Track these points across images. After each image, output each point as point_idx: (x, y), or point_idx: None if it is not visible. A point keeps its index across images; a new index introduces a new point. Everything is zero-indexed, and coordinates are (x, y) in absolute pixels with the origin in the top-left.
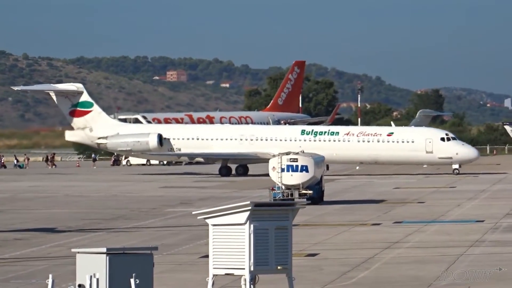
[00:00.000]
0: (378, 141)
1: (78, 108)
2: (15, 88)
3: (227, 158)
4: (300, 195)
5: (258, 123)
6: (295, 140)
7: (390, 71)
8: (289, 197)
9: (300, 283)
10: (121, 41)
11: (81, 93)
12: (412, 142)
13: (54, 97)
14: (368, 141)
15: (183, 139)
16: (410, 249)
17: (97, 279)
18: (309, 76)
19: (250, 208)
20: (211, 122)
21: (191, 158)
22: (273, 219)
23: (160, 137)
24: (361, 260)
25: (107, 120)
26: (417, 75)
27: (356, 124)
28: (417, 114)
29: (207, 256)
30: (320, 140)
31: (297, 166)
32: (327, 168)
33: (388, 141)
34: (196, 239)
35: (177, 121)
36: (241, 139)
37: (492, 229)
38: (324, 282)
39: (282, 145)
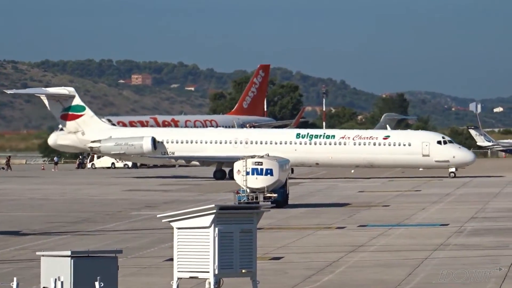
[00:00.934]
0: (375, 144)
1: (70, 112)
2: (8, 92)
3: (222, 162)
4: (265, 198)
5: (223, 127)
6: (290, 143)
7: (355, 75)
8: (254, 200)
9: (264, 286)
10: (86, 45)
11: (73, 97)
12: (409, 145)
13: (45, 101)
14: (364, 144)
15: (177, 142)
16: (374, 252)
17: (62, 282)
18: (274, 79)
19: (214, 211)
20: (176, 126)
21: (187, 161)
22: (238, 222)
23: (154, 140)
24: (326, 263)
25: (99, 124)
26: (381, 79)
27: (321, 128)
28: (382, 117)
29: (171, 259)
30: (315, 143)
31: (262, 169)
32: (292, 172)
33: (384, 144)
34: (160, 242)
35: (142, 124)
36: (235, 142)
37: (457, 233)
38: (289, 285)
39: (277, 148)
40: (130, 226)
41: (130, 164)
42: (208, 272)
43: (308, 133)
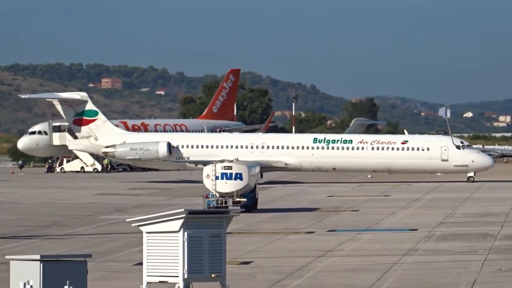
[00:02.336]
0: (393, 149)
1: (82, 117)
2: (22, 96)
3: None
4: (234, 202)
5: (192, 131)
6: (307, 148)
7: (324, 80)
8: (223, 204)
9: None
10: (56, 48)
11: (85, 102)
12: (427, 150)
13: (58, 106)
14: (383, 149)
15: (192, 147)
16: (343, 257)
17: (31, 286)
18: (244, 84)
19: (184, 215)
20: (146, 130)
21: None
22: (207, 226)
23: (169, 145)
24: (295, 268)
25: (112, 129)
26: (351, 84)
27: (290, 132)
28: (352, 122)
29: (141, 264)
30: (333, 148)
31: (231, 173)
32: (261, 176)
33: (402, 149)
34: (130, 247)
35: None
36: (251, 147)
37: (426, 238)
38: None
39: (293, 153)
40: (100, 230)
41: (99, 168)
42: (178, 276)
43: (325, 138)
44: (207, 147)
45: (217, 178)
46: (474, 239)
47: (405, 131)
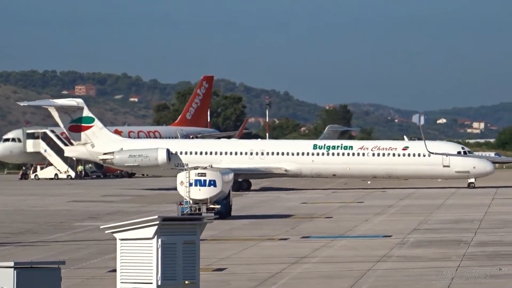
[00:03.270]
0: (394, 155)
1: (78, 124)
2: (21, 104)
3: (239, 173)
4: (208, 209)
5: (166, 138)
6: (308, 154)
7: (298, 87)
8: (197, 211)
9: None
10: (29, 55)
11: (81, 108)
12: (429, 156)
13: (53, 113)
14: (383, 155)
15: (191, 153)
16: (317, 264)
17: None
18: (218, 91)
19: (157, 222)
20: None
21: None
22: (181, 233)
23: (168, 152)
24: (269, 275)
25: (109, 136)
26: (325, 91)
27: (264, 138)
28: (325, 129)
29: (115, 271)
30: (333, 154)
31: (205, 180)
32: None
33: (404, 155)
34: (104, 253)
35: None
36: (251, 154)
37: (399, 245)
38: None
39: (294, 159)
40: (73, 237)
41: (73, 175)
42: (151, 283)
43: (325, 144)
44: (206, 153)
45: (190, 184)
46: (448, 245)
47: (404, 137)
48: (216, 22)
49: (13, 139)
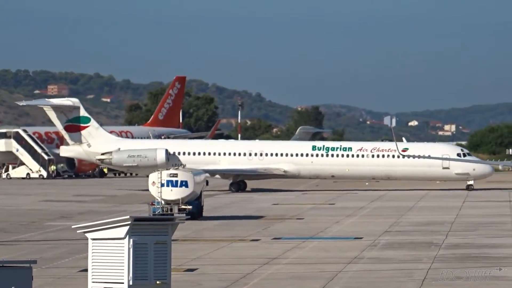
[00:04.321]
0: (393, 157)
1: (74, 123)
2: (20, 103)
3: (238, 174)
4: (180, 210)
5: (138, 138)
6: (307, 155)
7: (270, 88)
8: (169, 212)
9: None
10: (2, 55)
11: (77, 108)
12: (403, 157)
13: (50, 112)
14: (383, 156)
15: (189, 154)
16: (288, 265)
17: None
18: (190, 91)
19: (129, 222)
20: None
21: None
22: (153, 233)
23: (167, 152)
24: (240, 275)
25: (105, 136)
26: (297, 92)
27: (237, 139)
28: (297, 130)
29: (86, 270)
30: (332, 156)
31: (176, 181)
32: (207, 184)
33: (403, 157)
34: (75, 253)
35: (58, 135)
36: (250, 155)
37: (371, 246)
38: None
39: (293, 160)
40: (45, 236)
41: (45, 174)
42: (123, 283)
43: (324, 145)
44: (204, 154)
45: (162, 185)
46: (419, 247)
47: (403, 138)
48: (189, 23)
49: None
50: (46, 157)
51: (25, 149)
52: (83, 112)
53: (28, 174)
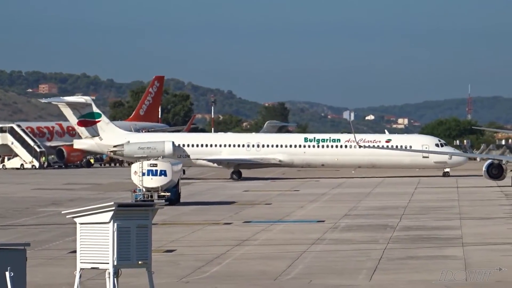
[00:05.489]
0: (378, 147)
1: (87, 119)
2: (42, 101)
3: (238, 163)
4: (159, 196)
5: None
6: (299, 147)
7: (240, 86)
8: (149, 198)
9: (158, 276)
10: None
11: (89, 105)
12: (410, 147)
13: (65, 109)
14: (369, 147)
15: (193, 146)
16: (258, 246)
17: None
18: (168, 89)
19: (114, 208)
20: None
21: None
22: (135, 218)
23: (173, 144)
24: (214, 256)
25: (115, 130)
26: (264, 90)
27: (210, 133)
28: (265, 124)
29: (75, 252)
30: (323, 146)
31: (156, 170)
32: (184, 173)
33: (387, 147)
34: (65, 236)
35: (49, 129)
36: (248, 146)
37: (332, 229)
38: (181, 275)
39: (287, 151)
40: (37, 221)
41: (37, 165)
42: (108, 263)
43: (314, 137)
44: (206, 146)
45: (143, 174)
46: (375, 230)
47: (385, 131)
48: (167, 27)
49: None
50: (38, 149)
51: (19, 142)
52: (95, 109)
53: (21, 164)
